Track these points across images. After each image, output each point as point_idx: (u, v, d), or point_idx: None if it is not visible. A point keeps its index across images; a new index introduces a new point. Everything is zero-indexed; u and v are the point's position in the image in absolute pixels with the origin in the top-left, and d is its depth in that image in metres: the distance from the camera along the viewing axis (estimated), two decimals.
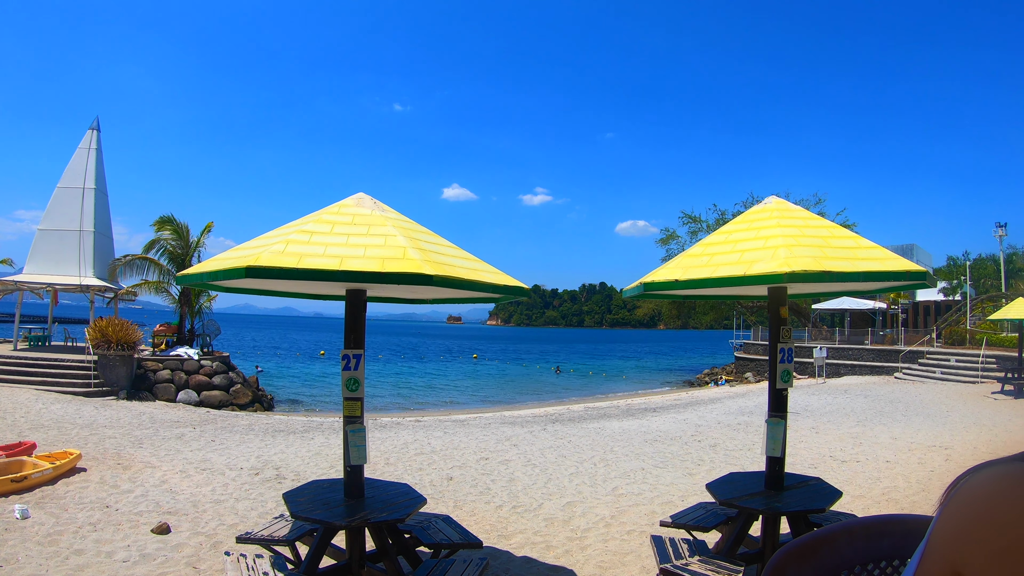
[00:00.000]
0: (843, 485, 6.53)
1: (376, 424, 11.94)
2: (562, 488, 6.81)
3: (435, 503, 6.08)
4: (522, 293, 3.67)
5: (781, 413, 3.73)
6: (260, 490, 6.46)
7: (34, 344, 18.72)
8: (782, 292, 3.83)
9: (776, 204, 3.83)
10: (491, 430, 11.08)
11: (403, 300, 4.97)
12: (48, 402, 12.06)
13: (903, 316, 33.14)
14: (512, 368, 38.27)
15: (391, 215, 3.49)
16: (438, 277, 2.88)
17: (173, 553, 4.61)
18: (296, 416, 14.52)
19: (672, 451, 9.02)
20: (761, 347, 31.13)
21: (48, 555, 4.49)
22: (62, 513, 5.42)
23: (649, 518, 5.69)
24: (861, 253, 3.28)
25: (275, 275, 2.85)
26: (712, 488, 3.86)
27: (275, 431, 10.64)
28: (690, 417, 13.18)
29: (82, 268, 18.25)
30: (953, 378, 20.67)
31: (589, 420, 12.86)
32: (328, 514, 3.29)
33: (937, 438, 10.21)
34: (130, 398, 14.63)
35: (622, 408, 15.80)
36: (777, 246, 3.27)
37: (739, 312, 37.13)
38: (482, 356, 50.45)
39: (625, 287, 4.12)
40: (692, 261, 3.61)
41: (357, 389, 3.50)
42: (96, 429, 9.70)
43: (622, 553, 4.85)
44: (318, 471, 7.42)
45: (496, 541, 5.11)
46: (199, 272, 3.27)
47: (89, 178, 18.89)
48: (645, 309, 58.67)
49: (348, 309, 3.61)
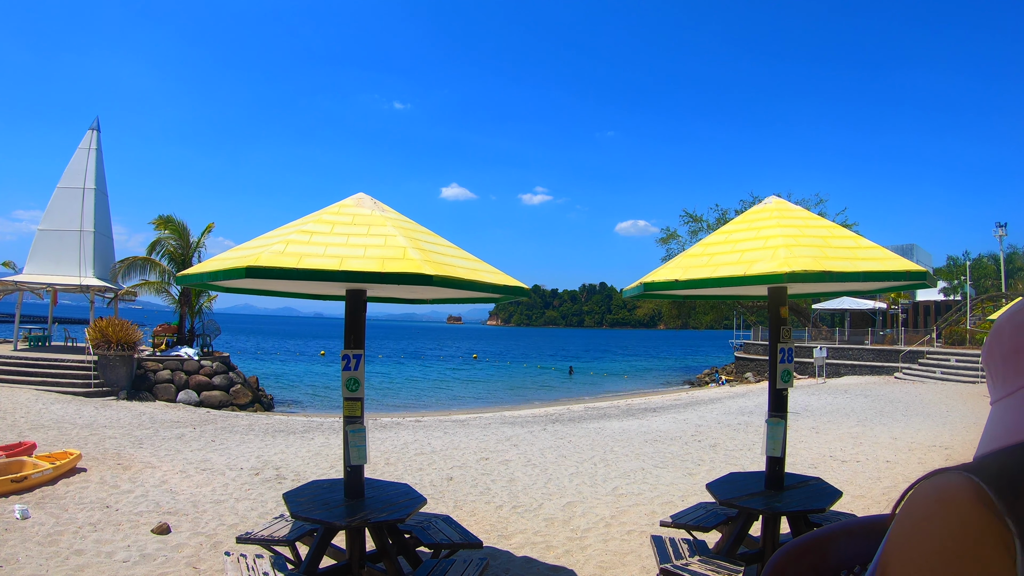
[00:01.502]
0: (843, 485, 6.53)
1: (376, 424, 11.94)
2: (562, 488, 6.81)
3: (435, 503, 6.08)
4: (522, 293, 3.67)
5: (781, 413, 3.73)
6: (260, 490, 6.47)
7: (34, 344, 18.72)
8: (782, 292, 3.83)
9: (776, 204, 3.83)
10: (491, 430, 11.08)
11: (403, 300, 4.97)
12: (48, 402, 12.06)
13: (903, 316, 33.15)
14: (519, 370, 37.83)
15: (391, 215, 3.49)
16: (438, 277, 2.89)
17: (173, 553, 4.61)
18: (296, 416, 14.52)
19: (672, 451, 9.02)
20: (761, 347, 31.12)
21: (48, 555, 4.49)
22: (62, 513, 5.42)
23: (649, 518, 5.69)
24: (861, 253, 3.28)
25: (275, 275, 2.85)
26: (712, 488, 3.86)
27: (275, 431, 10.64)
28: (690, 417, 13.18)
29: (82, 268, 18.26)
30: (953, 378, 20.68)
31: (589, 420, 12.86)
32: (328, 514, 3.29)
33: (937, 438, 10.21)
34: (130, 398, 14.64)
35: (622, 408, 15.80)
36: (777, 246, 3.27)
37: (739, 312, 37.14)
38: (485, 357, 50.04)
39: (625, 287, 4.12)
40: (692, 261, 3.61)
41: (357, 389, 3.50)
42: (96, 429, 9.70)
43: (622, 553, 4.85)
44: (318, 471, 7.42)
45: (496, 541, 5.11)
46: (199, 272, 3.27)
47: (89, 178, 18.89)
48: (645, 309, 58.71)
49: (348, 309, 3.61)
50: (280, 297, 4.64)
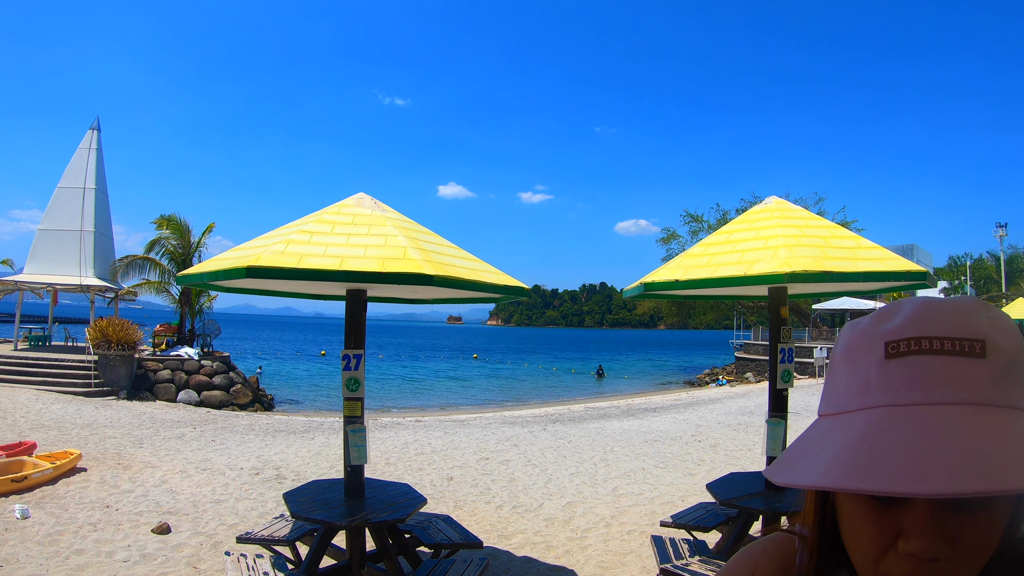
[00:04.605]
0: None
1: (376, 424, 11.94)
2: (562, 488, 6.81)
3: (435, 503, 6.08)
4: (522, 293, 3.67)
5: (781, 413, 3.73)
6: (260, 490, 6.47)
7: (34, 344, 18.72)
8: (782, 292, 3.82)
9: (776, 204, 3.83)
10: (491, 430, 11.08)
11: (403, 300, 4.97)
12: (48, 402, 12.06)
13: None
14: (535, 371, 37.31)
15: (391, 215, 3.49)
16: (438, 277, 2.89)
17: (173, 553, 4.61)
18: (296, 416, 14.51)
19: (672, 451, 9.02)
20: (761, 347, 31.10)
21: (48, 555, 4.49)
22: (62, 513, 5.42)
23: (649, 518, 5.69)
24: (861, 253, 3.28)
25: (276, 275, 2.85)
26: (712, 488, 3.86)
27: (275, 431, 10.64)
28: (690, 417, 13.18)
29: (82, 268, 18.26)
30: None
31: (589, 420, 12.86)
32: (328, 514, 3.29)
33: None
34: (130, 398, 14.63)
35: (622, 408, 15.79)
36: (777, 246, 3.27)
37: (739, 312, 37.12)
38: (499, 358, 49.34)
39: (625, 287, 4.12)
40: (692, 261, 3.61)
41: (357, 389, 3.50)
42: (96, 429, 9.70)
43: (622, 553, 4.84)
44: (318, 471, 7.42)
45: (496, 541, 5.11)
46: (200, 272, 3.27)
47: (89, 178, 18.89)
48: (645, 308, 58.64)
49: (348, 309, 3.61)
50: (280, 297, 4.64)
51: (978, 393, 0.47)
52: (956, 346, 0.48)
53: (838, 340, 0.57)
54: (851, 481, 0.44)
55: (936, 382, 0.48)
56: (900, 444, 0.45)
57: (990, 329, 0.49)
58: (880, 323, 0.52)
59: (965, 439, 0.44)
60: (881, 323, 0.52)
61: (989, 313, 0.50)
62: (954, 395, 0.47)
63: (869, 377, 0.50)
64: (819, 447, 0.50)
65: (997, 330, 0.49)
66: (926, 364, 0.48)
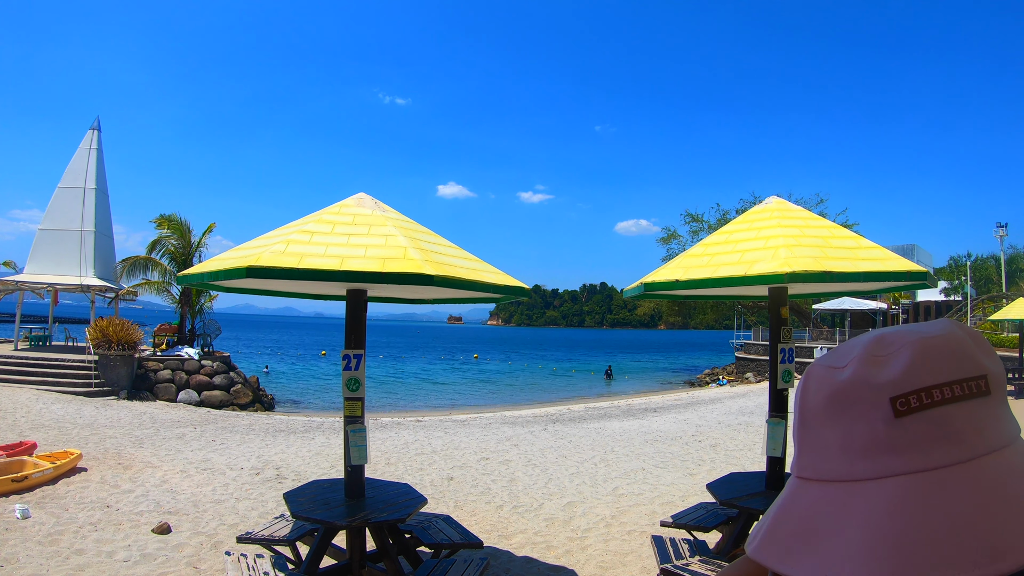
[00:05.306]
0: None
1: (377, 424, 11.94)
2: (563, 488, 6.81)
3: (436, 503, 6.08)
4: (523, 293, 3.67)
5: (782, 413, 3.73)
6: (261, 490, 6.47)
7: (35, 344, 18.73)
8: (783, 292, 3.82)
9: (777, 204, 3.83)
10: (492, 430, 11.08)
11: (403, 300, 4.97)
12: (49, 402, 12.07)
13: (904, 316, 33.13)
14: (535, 371, 37.18)
15: (392, 215, 3.49)
16: (439, 277, 2.89)
17: (174, 553, 4.61)
18: (297, 416, 14.52)
19: (673, 451, 9.02)
20: (761, 347, 31.10)
21: (49, 555, 4.49)
22: (63, 513, 5.43)
23: (650, 518, 5.69)
24: (862, 253, 3.28)
25: (276, 275, 2.85)
26: (713, 488, 3.86)
27: (276, 431, 10.64)
28: (691, 417, 13.18)
29: (83, 268, 18.27)
30: None
31: (589, 420, 12.86)
32: (329, 514, 3.29)
33: None
34: (131, 398, 14.64)
35: (622, 408, 15.80)
36: (778, 246, 3.27)
37: (739, 312, 37.12)
38: (499, 358, 49.19)
39: (626, 287, 4.12)
40: (693, 261, 3.61)
41: (358, 389, 3.50)
42: (97, 429, 9.71)
43: (623, 553, 4.84)
44: (319, 471, 7.43)
45: (497, 541, 5.11)
46: (200, 272, 3.27)
47: (90, 178, 18.90)
48: (645, 308, 58.61)
49: (349, 309, 3.61)
50: (281, 297, 4.64)
51: (999, 436, 0.42)
52: (966, 389, 0.43)
53: (809, 383, 0.48)
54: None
55: (958, 437, 0.42)
56: (951, 518, 0.39)
57: (983, 358, 0.44)
58: (873, 370, 0.44)
59: (1013, 497, 0.39)
60: (874, 370, 0.44)
61: (973, 338, 0.45)
62: (980, 446, 0.42)
63: (876, 437, 0.43)
64: (829, 526, 0.42)
65: (987, 357, 0.45)
66: (943, 418, 0.42)
